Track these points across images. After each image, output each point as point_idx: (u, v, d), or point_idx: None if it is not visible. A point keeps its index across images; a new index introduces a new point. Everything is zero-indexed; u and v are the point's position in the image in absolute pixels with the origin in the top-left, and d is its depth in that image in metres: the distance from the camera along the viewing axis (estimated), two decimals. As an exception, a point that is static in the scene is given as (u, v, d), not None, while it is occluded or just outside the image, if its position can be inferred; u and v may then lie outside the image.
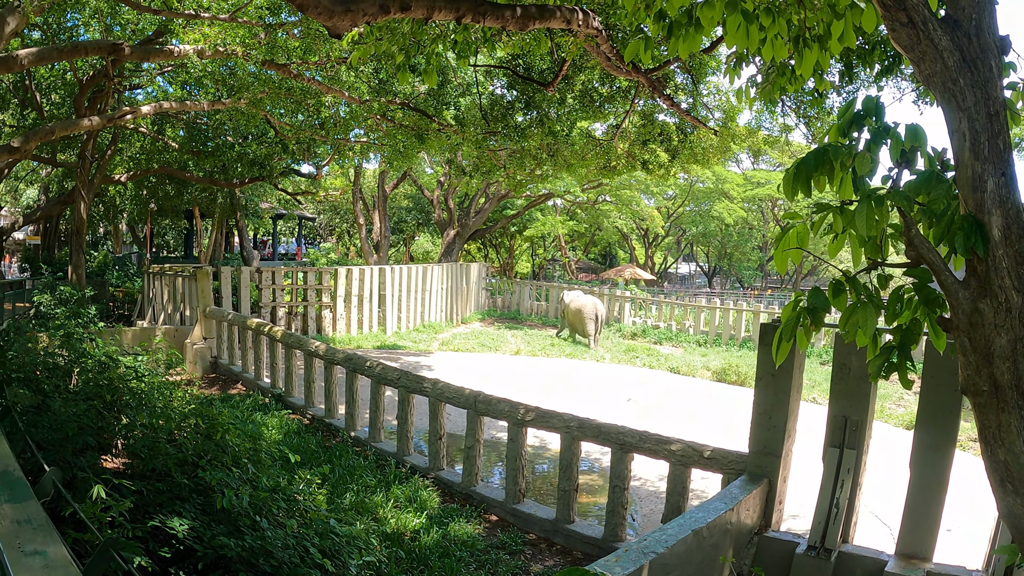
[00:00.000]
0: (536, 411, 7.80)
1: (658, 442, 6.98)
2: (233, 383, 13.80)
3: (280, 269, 21.32)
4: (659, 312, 30.35)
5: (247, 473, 5.83)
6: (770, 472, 6.43)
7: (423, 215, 43.45)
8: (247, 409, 11.46)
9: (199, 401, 9.42)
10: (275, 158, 17.53)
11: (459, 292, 30.39)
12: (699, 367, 20.97)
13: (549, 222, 42.58)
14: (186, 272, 17.05)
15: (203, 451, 6.14)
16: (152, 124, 18.06)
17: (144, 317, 19.66)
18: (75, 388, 7.89)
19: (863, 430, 6.30)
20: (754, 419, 6.48)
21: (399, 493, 8.22)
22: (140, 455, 5.90)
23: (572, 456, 7.51)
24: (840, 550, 6.11)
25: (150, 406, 7.40)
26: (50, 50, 9.71)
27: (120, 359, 8.89)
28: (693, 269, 74.62)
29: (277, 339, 12.31)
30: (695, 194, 48.01)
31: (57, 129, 11.42)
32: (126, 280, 22.45)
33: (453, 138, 11.91)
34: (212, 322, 14.72)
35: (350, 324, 22.95)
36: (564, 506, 7.58)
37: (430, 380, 9.11)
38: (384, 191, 31.24)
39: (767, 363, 6.42)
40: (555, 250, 53.34)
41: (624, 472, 7.20)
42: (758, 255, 55.59)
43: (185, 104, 12.88)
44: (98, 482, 4.57)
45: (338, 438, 10.46)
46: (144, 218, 26.10)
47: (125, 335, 14.19)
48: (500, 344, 24.02)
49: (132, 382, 7.99)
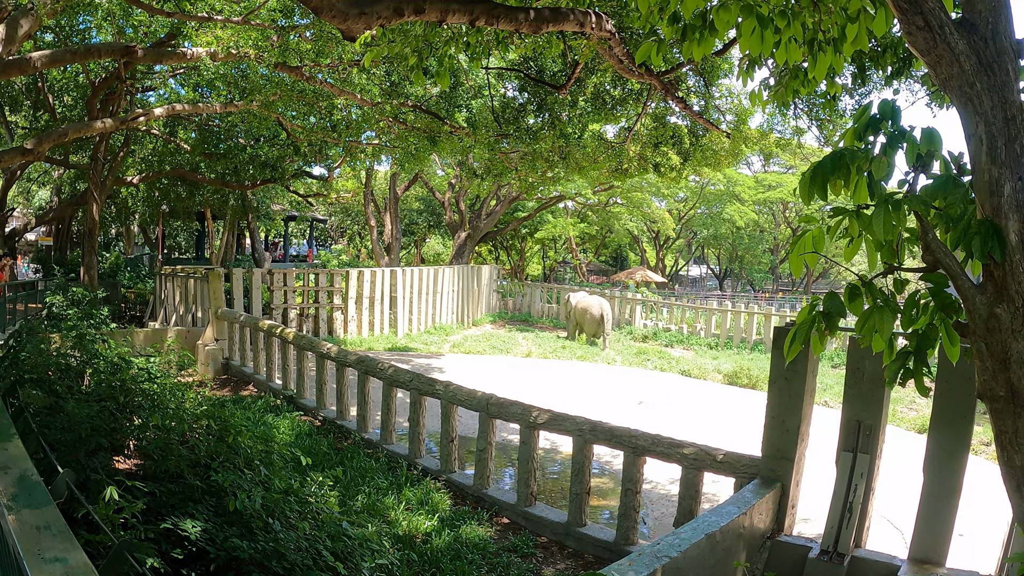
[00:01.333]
0: (549, 414, 7.79)
1: (670, 446, 6.96)
2: (245, 384, 13.86)
3: (292, 271, 21.40)
4: (670, 315, 30.26)
5: (259, 475, 5.85)
6: (783, 476, 6.40)
7: (434, 217, 43.52)
8: (259, 411, 11.51)
9: (211, 403, 9.47)
10: (287, 160, 17.60)
11: (470, 294, 30.40)
12: (710, 370, 20.90)
13: (560, 224, 42.56)
14: (198, 274, 17.14)
15: (215, 453, 6.17)
16: (164, 126, 18.17)
17: (156, 318, 19.78)
18: (87, 389, 7.94)
19: (876, 434, 6.25)
20: (767, 423, 6.46)
21: (411, 495, 8.23)
22: (153, 456, 5.93)
23: (584, 459, 7.50)
24: (852, 554, 6.08)
25: (163, 407, 7.43)
26: (63, 52, 9.78)
27: (132, 360, 8.95)
28: (704, 272, 74.42)
29: (289, 341, 12.36)
30: (706, 196, 47.87)
31: (71, 131, 11.51)
32: (138, 281, 22.57)
33: (465, 140, 11.92)
34: (224, 324, 14.80)
35: (361, 326, 23.01)
36: (576, 509, 7.56)
37: (442, 383, 9.12)
38: (396, 193, 31.32)
39: (780, 367, 6.39)
40: (566, 252, 53.31)
41: (636, 475, 7.18)
42: (769, 258, 55.38)
43: (197, 106, 12.95)
44: (111, 483, 4.60)
45: (349, 440, 10.48)
46: (156, 220, 26.24)
47: (137, 336, 14.28)
48: (511, 347, 24.02)
49: (145, 383, 8.03)
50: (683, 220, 50.87)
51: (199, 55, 9.31)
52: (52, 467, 4.76)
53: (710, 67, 9.77)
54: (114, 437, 6.62)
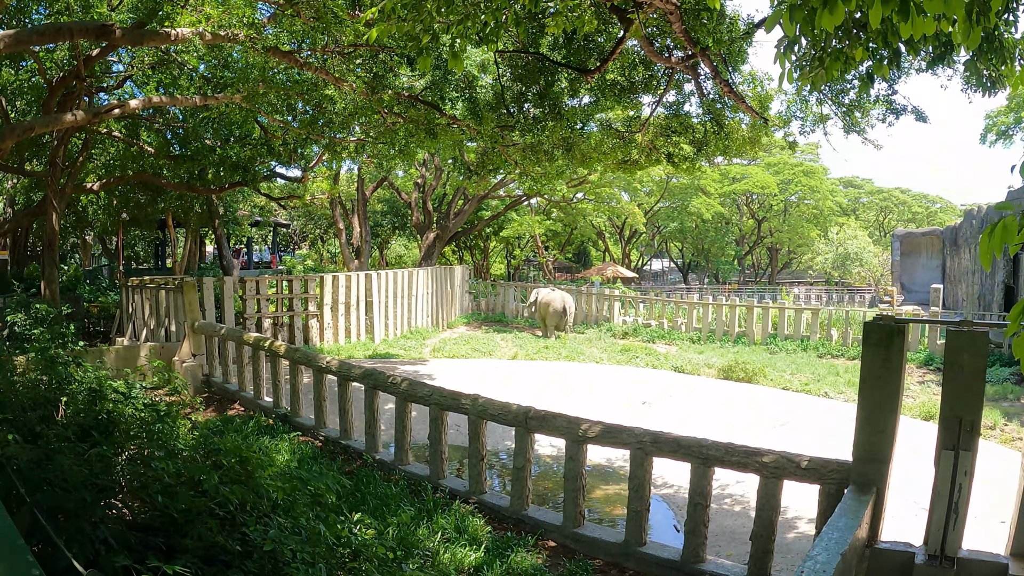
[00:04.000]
0: (600, 426, 7.05)
1: (747, 454, 6.30)
2: (230, 403, 12.80)
3: (265, 278, 20.25)
4: (649, 310, 29.81)
5: (299, 523, 4.95)
6: (877, 480, 5.88)
7: (398, 219, 42.44)
8: (252, 433, 10.49)
9: (207, 430, 8.50)
10: (258, 161, 16.49)
11: (444, 296, 29.56)
12: (701, 365, 20.45)
13: (526, 222, 41.88)
14: (170, 285, 15.95)
15: (233, 485, 5.25)
16: (125, 129, 16.87)
17: (124, 334, 18.47)
18: (63, 420, 6.97)
19: (976, 430, 5.76)
20: (859, 424, 5.90)
21: (444, 523, 7.40)
22: (172, 514, 4.94)
23: (644, 474, 6.79)
24: (957, 556, 5.64)
25: (162, 443, 6.47)
26: (29, 32, 8.63)
27: (110, 384, 8.00)
28: (667, 265, 74.63)
29: (281, 355, 11.37)
30: (671, 190, 47.72)
31: (37, 126, 10.30)
32: (100, 294, 21.11)
33: (467, 133, 11.09)
34: (201, 337, 13.70)
35: (337, 333, 22.00)
36: (636, 527, 6.86)
37: (469, 396, 8.30)
38: (364, 194, 30.20)
39: (874, 365, 5.82)
40: (531, 251, 52.71)
41: (706, 488, 6.51)
42: (735, 249, 55.61)
43: (176, 98, 11.81)
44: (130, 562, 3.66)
45: (359, 462, 9.60)
46: (115, 229, 24.69)
47: (108, 355, 13.12)
48: (492, 349, 23.29)
49: (130, 411, 7.08)
50: (649, 214, 50.69)
51: (185, 36, 8.30)
52: (65, 564, 3.69)
53: (736, 50, 9.17)
54: (116, 484, 5.66)
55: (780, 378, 19.07)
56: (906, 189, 63.40)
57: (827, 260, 47.34)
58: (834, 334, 24.84)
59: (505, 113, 10.99)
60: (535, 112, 11.01)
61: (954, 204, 63.12)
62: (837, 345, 24.24)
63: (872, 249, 47.55)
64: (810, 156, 52.94)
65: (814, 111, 9.92)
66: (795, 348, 24.16)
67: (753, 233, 54.69)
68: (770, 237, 52.61)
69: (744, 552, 8.54)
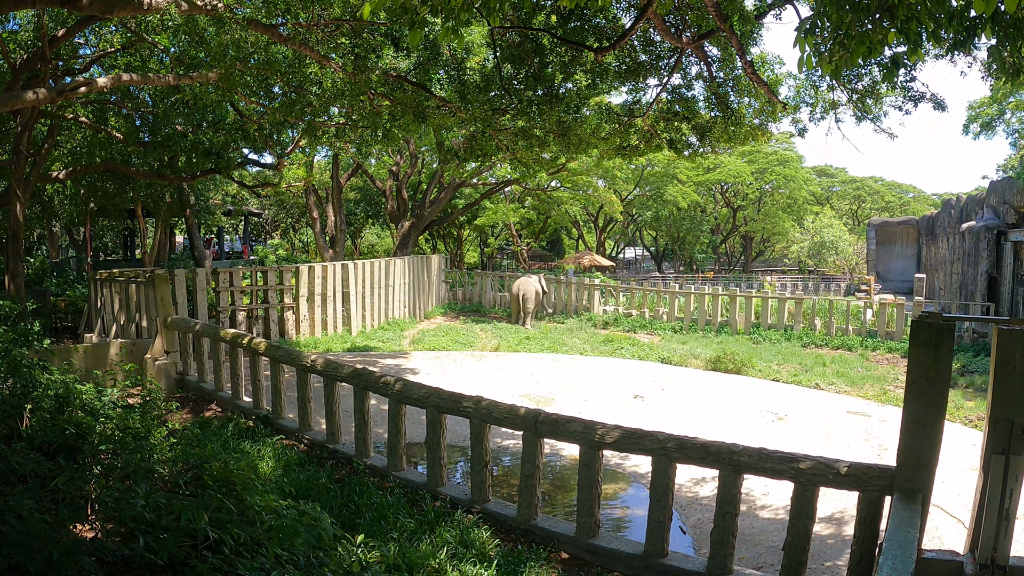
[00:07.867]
0: (619, 431, 6.56)
1: (781, 460, 5.87)
2: (206, 404, 12.10)
3: (238, 270, 19.44)
4: (630, 299, 29.45)
5: (306, 557, 4.37)
6: (923, 487, 5.53)
7: (372, 207, 41.56)
8: (232, 437, 9.82)
9: (187, 440, 7.84)
10: (232, 147, 15.67)
11: (421, 286, 28.93)
12: (687, 356, 20.14)
13: (500, 210, 41.28)
14: (141, 278, 15.11)
15: (226, 524, 4.64)
16: (92, 114, 15.92)
17: (93, 330, 17.55)
18: (27, 431, 6.32)
19: (1023, 433, 5.42)
20: (904, 428, 5.51)
21: (448, 536, 6.85)
22: (127, 527, 4.32)
23: (667, 481, 6.32)
24: (1008, 565, 5.37)
25: (137, 460, 5.85)
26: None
27: (79, 389, 7.37)
28: (640, 253, 74.54)
29: (261, 352, 10.70)
30: (647, 178, 47.40)
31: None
32: (67, 288, 20.09)
33: (457, 115, 10.47)
34: (175, 333, 12.95)
35: (314, 325, 21.27)
36: (658, 538, 6.40)
37: (470, 397, 7.75)
38: (339, 182, 29.30)
39: (922, 366, 5.40)
40: (505, 239, 52.14)
41: (735, 496, 6.07)
42: (710, 237, 55.56)
43: (148, 77, 10.99)
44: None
45: (349, 468, 9.01)
46: (83, 219, 23.58)
47: (76, 353, 12.32)
48: (473, 340, 22.77)
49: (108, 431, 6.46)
50: (625, 202, 50.36)
51: (159, 4, 7.58)
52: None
53: (748, 32, 8.69)
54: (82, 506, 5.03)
55: (768, 369, 18.83)
56: (879, 178, 63.89)
57: (803, 248, 47.48)
58: (817, 323, 24.72)
59: (498, 95, 10.41)
60: (528, 94, 10.44)
61: (927, 194, 63.88)
62: (821, 335, 24.12)
63: (847, 238, 47.80)
64: (784, 145, 52.98)
65: (824, 97, 9.52)
66: (779, 338, 24.00)
67: (728, 222, 54.68)
68: (745, 226, 52.64)
69: (756, 554, 8.17)
